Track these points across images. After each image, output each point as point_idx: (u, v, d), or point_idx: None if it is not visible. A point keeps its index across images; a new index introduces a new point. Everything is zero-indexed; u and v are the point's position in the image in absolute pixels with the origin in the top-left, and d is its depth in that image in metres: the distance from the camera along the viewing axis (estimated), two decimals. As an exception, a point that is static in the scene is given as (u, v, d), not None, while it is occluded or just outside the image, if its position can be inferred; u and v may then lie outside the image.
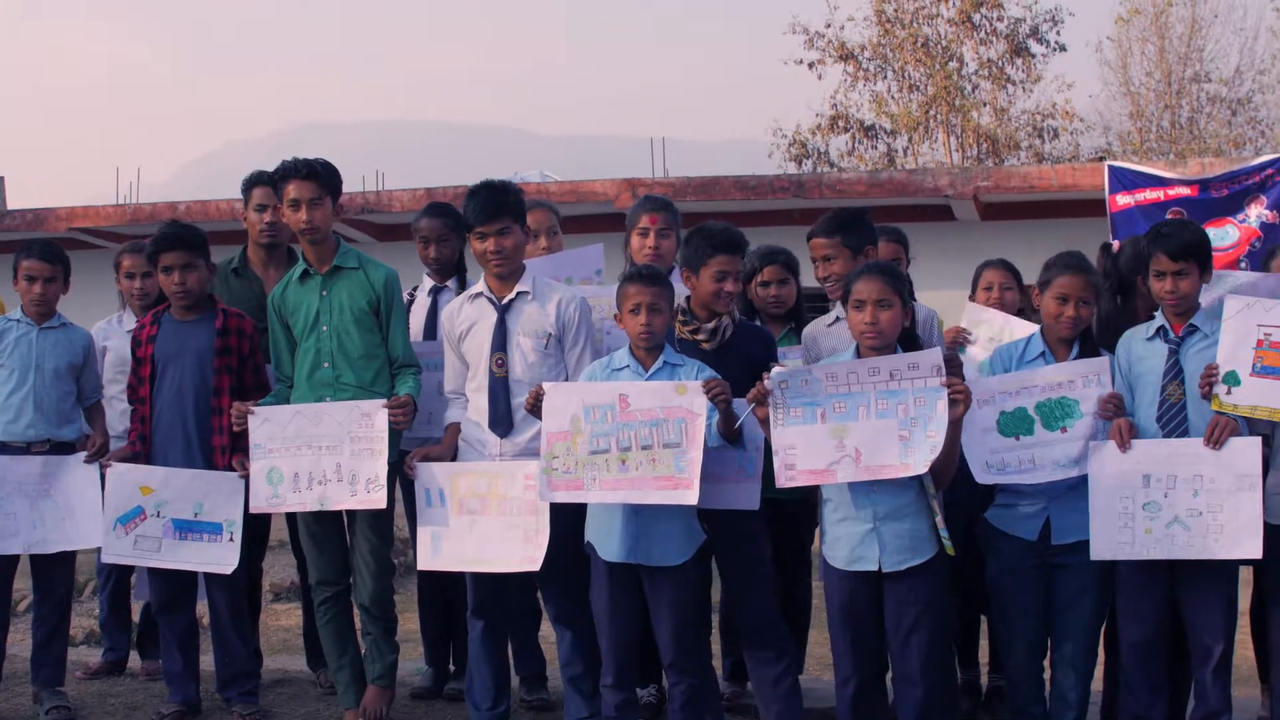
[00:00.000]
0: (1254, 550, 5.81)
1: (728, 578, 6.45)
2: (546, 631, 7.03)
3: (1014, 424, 6.10)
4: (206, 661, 7.44)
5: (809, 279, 7.02)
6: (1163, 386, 6.02)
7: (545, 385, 6.10)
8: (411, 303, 7.41)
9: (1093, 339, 6.25)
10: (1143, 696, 6.10)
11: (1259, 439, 5.88)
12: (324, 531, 6.88)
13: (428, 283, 7.55)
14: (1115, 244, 6.93)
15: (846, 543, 5.94)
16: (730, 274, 6.30)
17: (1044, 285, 6.23)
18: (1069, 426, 6.05)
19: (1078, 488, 6.06)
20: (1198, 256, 6.01)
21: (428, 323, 7.38)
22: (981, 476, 6.09)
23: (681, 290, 6.44)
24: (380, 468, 6.58)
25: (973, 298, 7.23)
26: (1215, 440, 5.84)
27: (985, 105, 32.61)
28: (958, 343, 6.81)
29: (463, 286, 7.33)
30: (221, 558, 6.94)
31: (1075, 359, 6.17)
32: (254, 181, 7.58)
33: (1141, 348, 6.12)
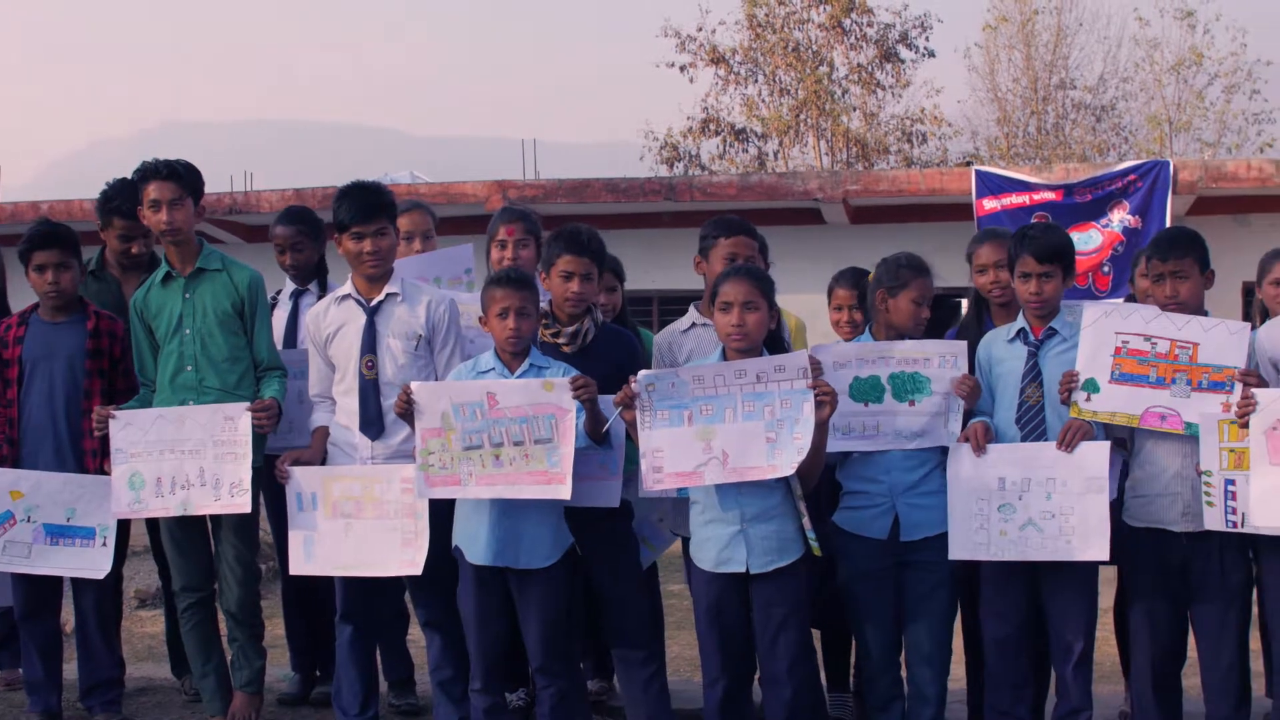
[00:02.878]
0: (1102, 552, 5.92)
1: (598, 579, 6.44)
2: (416, 635, 6.98)
3: (865, 390, 6.15)
4: (68, 670, 7.31)
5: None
6: (1021, 388, 6.10)
7: (412, 385, 6.07)
8: (274, 306, 7.31)
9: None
10: (1005, 693, 6.17)
11: (1108, 443, 5.98)
12: (187, 537, 6.79)
13: (289, 286, 7.48)
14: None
15: (714, 544, 5.96)
16: (576, 274, 6.27)
17: (897, 289, 6.26)
18: (917, 401, 6.12)
19: (921, 484, 6.17)
20: (1063, 260, 6.09)
21: (289, 327, 7.32)
22: (828, 441, 6.09)
23: (544, 293, 6.42)
24: (244, 472, 6.50)
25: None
26: (1067, 444, 5.93)
27: (855, 110, 32.89)
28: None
29: (324, 290, 7.28)
30: (94, 563, 6.82)
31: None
32: (114, 210, 7.32)
33: (1002, 349, 6.20)
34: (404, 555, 6.29)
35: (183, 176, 6.69)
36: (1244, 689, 6.13)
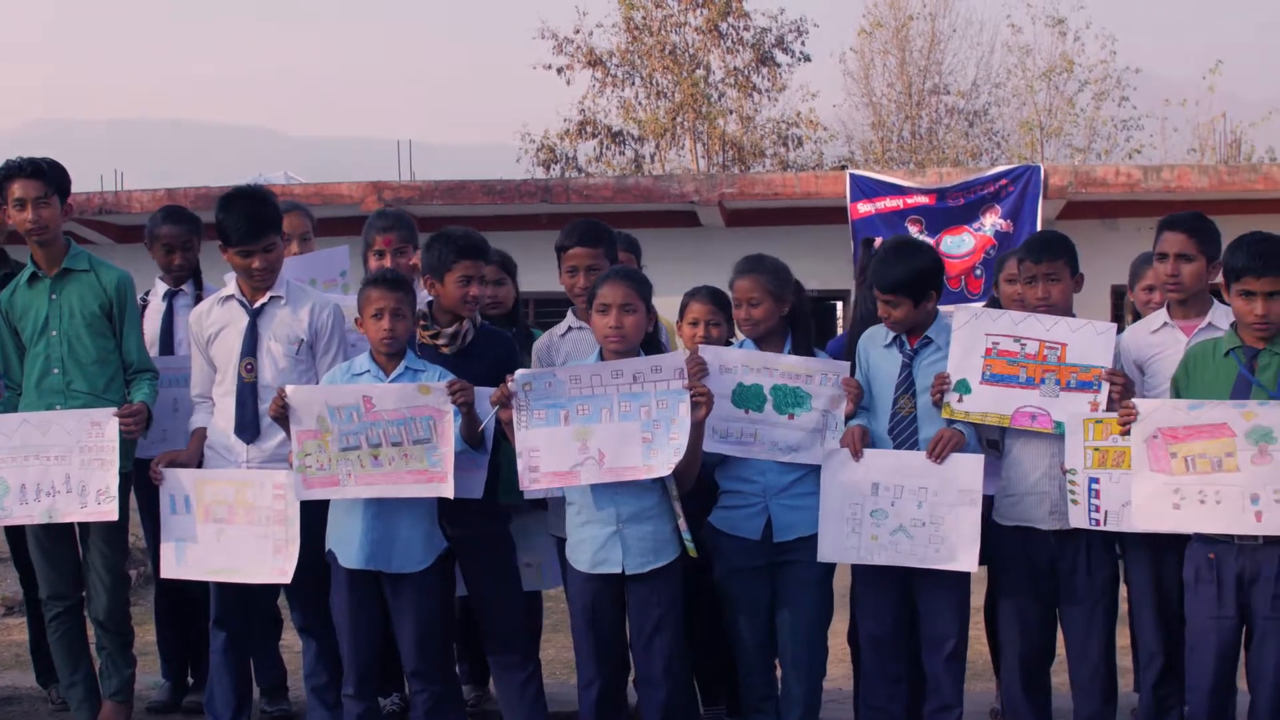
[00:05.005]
0: (970, 564, 6.00)
1: (473, 583, 6.42)
2: (291, 641, 6.91)
3: (747, 398, 6.15)
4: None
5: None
6: (895, 398, 6.14)
7: (287, 388, 6.02)
8: (145, 307, 7.21)
9: (807, 330, 6.34)
10: (880, 690, 6.22)
11: (981, 456, 6.06)
12: (54, 544, 6.65)
13: (161, 287, 7.35)
14: (878, 240, 7.02)
15: (590, 545, 5.97)
16: (474, 278, 6.25)
17: (730, 290, 6.32)
18: (796, 415, 6.14)
19: (794, 486, 6.19)
20: (908, 290, 6.07)
21: (163, 329, 7.22)
22: (705, 443, 6.10)
23: (423, 296, 6.39)
24: (111, 478, 6.38)
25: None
26: (937, 455, 5.99)
27: (731, 113, 32.97)
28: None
29: (200, 290, 7.18)
30: None
31: (789, 353, 6.26)
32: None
33: (878, 353, 6.24)
34: (274, 563, 6.23)
35: (47, 174, 6.57)
36: (1111, 685, 6.23)
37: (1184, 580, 5.90)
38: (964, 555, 5.99)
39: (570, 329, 6.73)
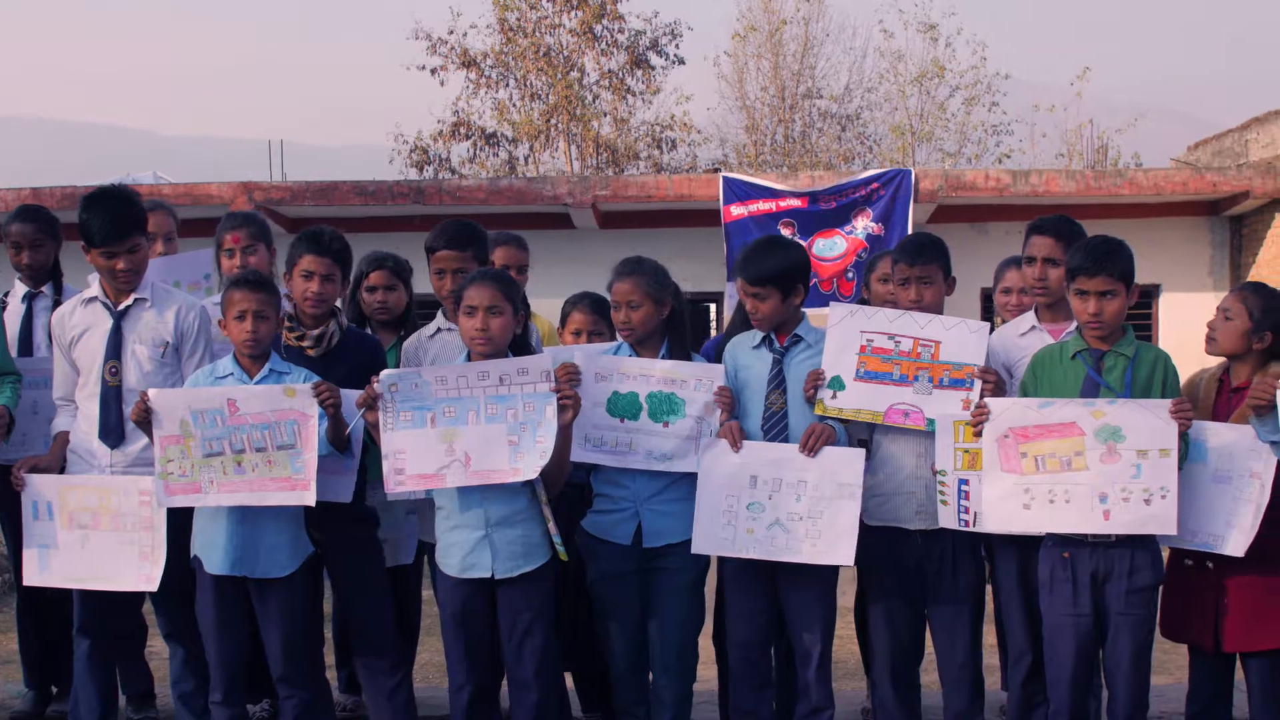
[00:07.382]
0: (847, 558, 6.03)
1: (340, 588, 6.38)
2: (160, 648, 6.81)
3: (623, 406, 6.15)
4: None
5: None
6: (767, 395, 6.15)
7: (149, 391, 5.93)
8: (4, 309, 7.08)
9: (683, 333, 6.32)
10: (748, 694, 6.24)
11: (862, 451, 6.10)
12: (-88, 552, 6.52)
13: (20, 289, 7.22)
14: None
15: (459, 550, 5.93)
16: (316, 274, 6.21)
17: (608, 292, 6.32)
18: (671, 423, 6.14)
19: (665, 492, 6.20)
20: (777, 282, 6.09)
21: (22, 331, 7.09)
22: (579, 452, 6.10)
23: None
24: (-30, 486, 6.26)
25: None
26: (809, 449, 6.01)
27: (606, 115, 33.00)
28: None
29: (59, 292, 7.07)
30: None
31: (665, 356, 6.24)
32: None
33: (747, 356, 6.25)
34: (141, 569, 6.15)
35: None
36: (978, 683, 6.32)
37: (1039, 580, 5.99)
38: (842, 549, 6.01)
39: (439, 330, 6.70)
